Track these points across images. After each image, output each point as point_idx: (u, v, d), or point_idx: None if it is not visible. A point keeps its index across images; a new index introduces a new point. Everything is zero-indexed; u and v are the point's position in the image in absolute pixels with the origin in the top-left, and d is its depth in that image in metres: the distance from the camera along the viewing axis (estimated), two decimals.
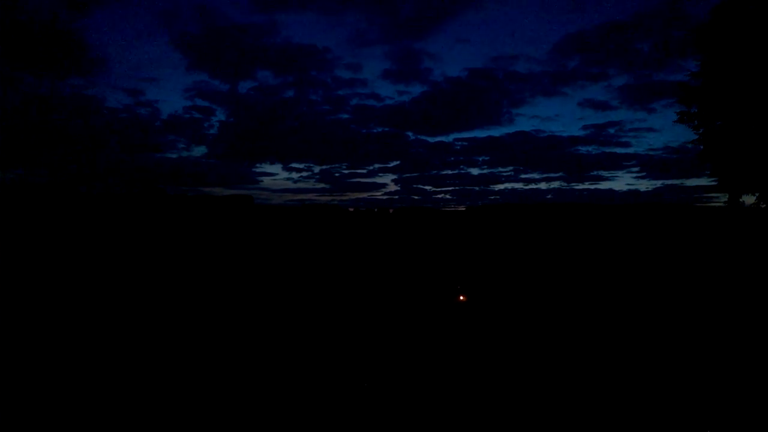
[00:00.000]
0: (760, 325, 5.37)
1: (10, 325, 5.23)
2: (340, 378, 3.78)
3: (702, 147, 16.38)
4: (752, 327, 5.33)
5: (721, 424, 3.09)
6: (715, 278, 8.55)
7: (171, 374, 3.86)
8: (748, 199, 16.23)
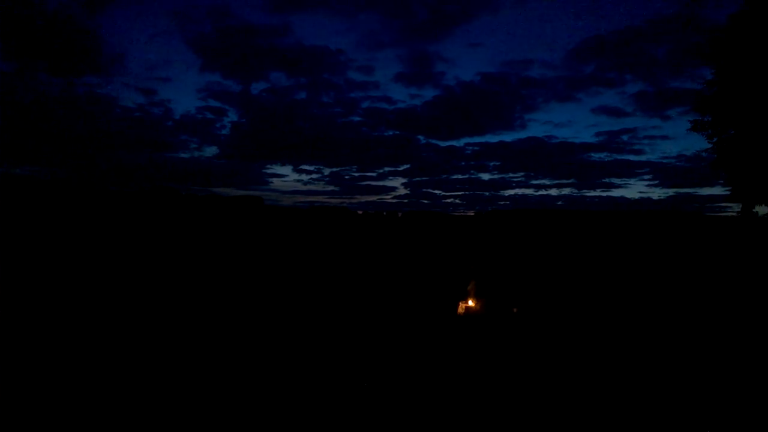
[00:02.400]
0: None
1: (23, 318, 5.31)
2: (343, 377, 3.78)
3: (715, 156, 16.14)
4: (763, 334, 5.23)
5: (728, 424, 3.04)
6: (727, 288, 8.40)
7: (179, 369, 3.89)
8: (762, 210, 15.94)
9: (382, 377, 3.87)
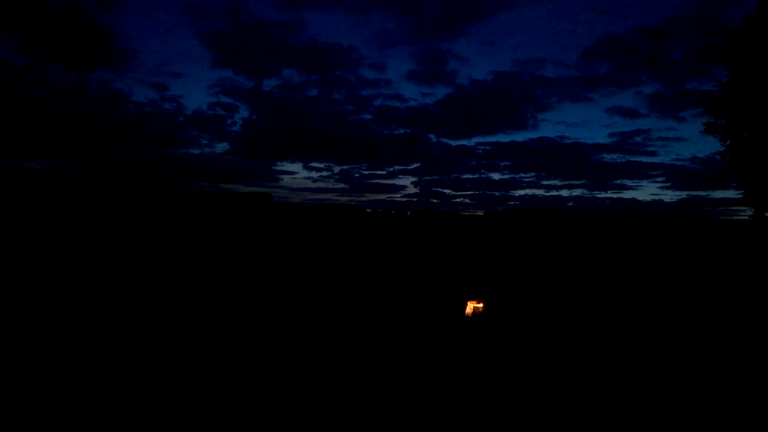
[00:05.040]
0: None
1: (27, 315, 5.47)
2: (346, 378, 3.86)
3: (728, 159, 15.99)
4: None
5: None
6: (738, 292, 8.35)
7: (182, 366, 4.01)
8: None
9: (386, 378, 3.95)
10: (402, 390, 3.61)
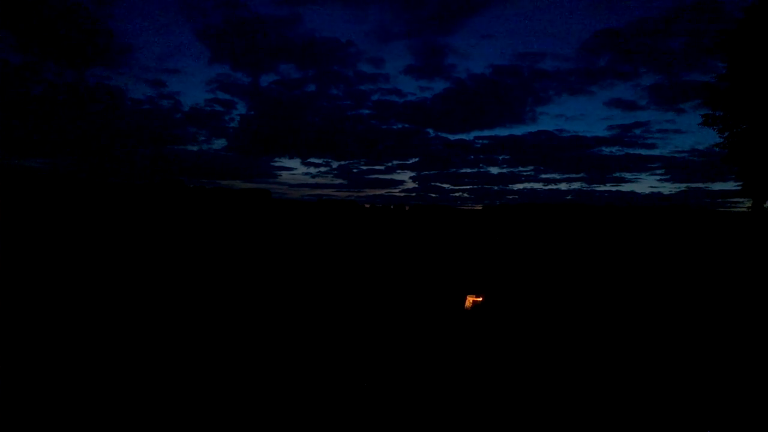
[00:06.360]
0: None
1: (30, 310, 5.44)
2: (345, 377, 3.85)
3: (727, 150, 15.98)
4: None
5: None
6: (736, 284, 8.36)
7: (179, 366, 3.99)
8: None
9: (387, 374, 3.94)
10: (402, 386, 3.60)
